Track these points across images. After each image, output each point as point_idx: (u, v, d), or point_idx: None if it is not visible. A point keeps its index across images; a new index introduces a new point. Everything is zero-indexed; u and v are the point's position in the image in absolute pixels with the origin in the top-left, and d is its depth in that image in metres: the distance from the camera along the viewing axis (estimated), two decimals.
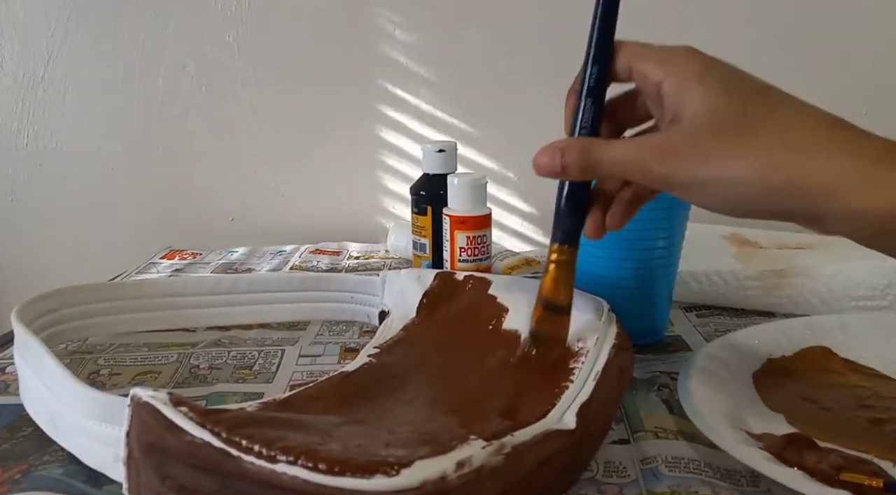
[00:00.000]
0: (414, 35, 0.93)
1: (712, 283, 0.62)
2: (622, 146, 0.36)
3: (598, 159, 0.36)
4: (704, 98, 0.34)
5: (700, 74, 0.34)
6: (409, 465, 0.27)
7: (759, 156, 0.32)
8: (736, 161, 0.32)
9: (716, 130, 0.33)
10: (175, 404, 0.30)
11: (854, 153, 0.31)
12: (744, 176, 0.32)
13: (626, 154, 0.35)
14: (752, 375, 0.48)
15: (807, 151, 0.32)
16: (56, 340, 0.52)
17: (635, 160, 0.35)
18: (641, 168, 0.35)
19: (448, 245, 0.61)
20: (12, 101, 0.96)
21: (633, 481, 0.37)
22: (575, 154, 0.37)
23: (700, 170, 0.33)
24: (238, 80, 0.95)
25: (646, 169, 0.34)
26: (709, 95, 0.34)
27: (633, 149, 0.35)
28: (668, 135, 0.35)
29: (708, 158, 0.33)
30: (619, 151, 0.36)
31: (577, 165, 0.37)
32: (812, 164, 0.31)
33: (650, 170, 0.34)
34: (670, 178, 0.34)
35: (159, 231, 0.97)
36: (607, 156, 0.36)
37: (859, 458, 0.37)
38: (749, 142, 0.32)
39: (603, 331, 0.41)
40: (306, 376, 0.50)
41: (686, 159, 0.33)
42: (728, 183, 0.33)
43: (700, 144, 0.33)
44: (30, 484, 0.37)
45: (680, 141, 0.34)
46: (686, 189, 0.34)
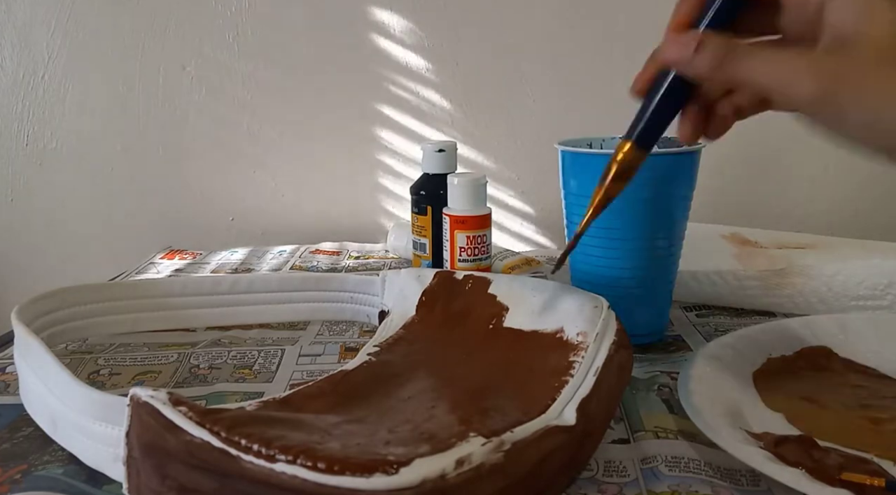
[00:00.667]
0: (414, 34, 0.93)
1: (712, 283, 0.62)
2: (774, 55, 0.31)
3: (739, 62, 0.32)
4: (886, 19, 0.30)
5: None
6: (409, 464, 0.27)
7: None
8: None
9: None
10: (174, 404, 0.30)
11: None
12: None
13: (778, 66, 0.31)
14: (751, 375, 0.48)
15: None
16: (56, 340, 0.52)
17: (788, 75, 0.31)
18: (795, 85, 0.30)
19: (448, 245, 0.61)
20: (12, 101, 0.96)
21: (633, 480, 0.37)
22: (714, 48, 0.32)
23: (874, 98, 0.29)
24: (238, 80, 0.95)
25: (801, 89, 0.30)
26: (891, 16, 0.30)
27: (788, 61, 0.31)
28: (838, 55, 0.30)
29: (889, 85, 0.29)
30: (770, 60, 0.31)
31: (712, 60, 0.33)
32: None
33: (805, 92, 0.30)
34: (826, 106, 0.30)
35: (159, 231, 0.97)
36: (754, 64, 0.32)
37: (859, 457, 0.37)
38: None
39: (602, 328, 0.41)
40: (306, 376, 0.50)
41: (863, 82, 0.30)
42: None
43: (882, 68, 0.29)
44: (30, 484, 0.37)
45: (854, 62, 0.30)
46: (846, 122, 0.31)
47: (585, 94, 0.91)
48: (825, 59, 0.31)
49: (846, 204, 0.94)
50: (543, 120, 0.94)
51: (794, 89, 0.31)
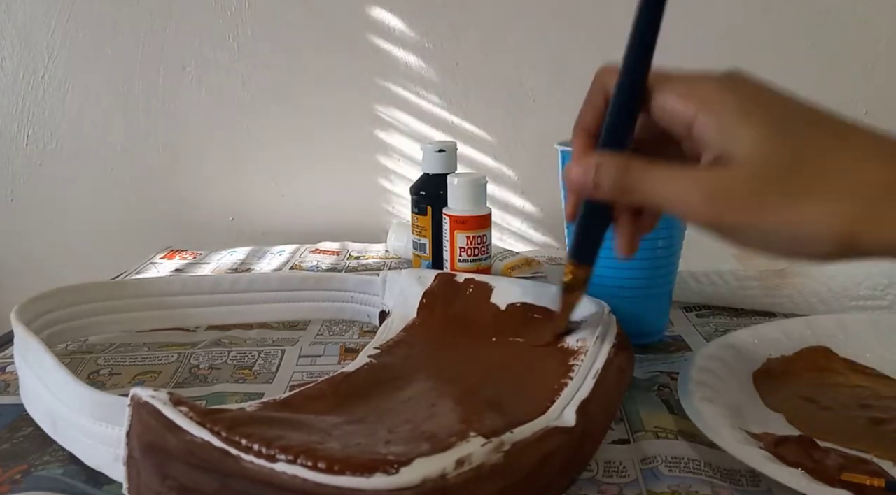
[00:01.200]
0: (414, 35, 0.93)
1: (712, 283, 0.62)
2: (666, 176, 0.33)
3: (636, 186, 0.33)
4: (753, 138, 0.30)
5: (743, 111, 0.31)
6: (409, 464, 0.27)
7: (834, 207, 0.29)
8: (808, 213, 0.29)
9: (777, 176, 0.30)
10: (175, 404, 0.30)
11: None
12: (816, 229, 0.29)
13: (670, 187, 0.32)
14: (751, 375, 0.48)
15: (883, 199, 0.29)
16: (56, 340, 0.52)
17: (680, 196, 0.32)
18: (686, 207, 0.32)
19: (448, 245, 0.61)
20: (12, 101, 0.96)
21: (633, 481, 0.37)
22: (611, 174, 0.34)
23: (760, 219, 0.30)
24: (238, 80, 0.95)
25: (691, 209, 0.32)
26: (758, 135, 0.30)
27: (679, 183, 0.32)
28: (720, 176, 0.31)
29: (769, 207, 0.30)
30: (663, 182, 0.32)
31: (611, 186, 0.34)
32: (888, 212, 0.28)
33: (696, 212, 0.31)
34: (719, 224, 0.31)
35: (159, 231, 0.97)
36: (648, 185, 0.33)
37: (859, 458, 0.37)
38: (818, 190, 0.29)
39: (602, 331, 0.41)
40: (306, 376, 0.50)
41: (741, 207, 0.30)
42: (793, 236, 0.30)
43: (761, 192, 0.30)
44: (30, 484, 0.37)
45: (734, 183, 0.31)
46: (737, 235, 0.32)
47: (585, 94, 0.91)
48: (706, 180, 0.31)
49: None
50: (543, 120, 0.94)
51: (689, 213, 0.32)
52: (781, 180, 0.30)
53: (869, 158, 0.30)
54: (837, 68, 0.92)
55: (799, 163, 0.30)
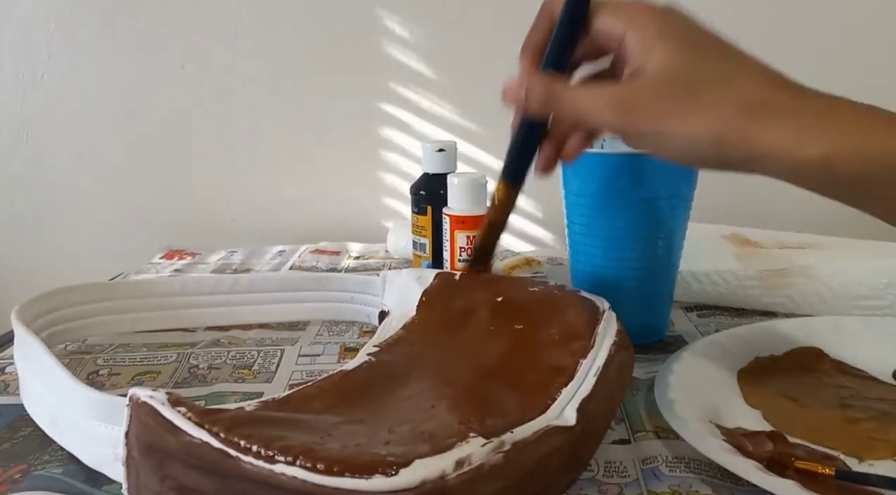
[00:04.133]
0: (414, 33, 0.93)
1: (713, 283, 0.62)
2: (583, 92, 0.37)
3: (559, 100, 0.38)
4: (664, 54, 0.35)
5: (661, 30, 0.36)
6: (408, 464, 0.27)
7: (713, 113, 0.34)
8: (691, 118, 0.34)
9: (674, 86, 0.35)
10: (173, 404, 0.30)
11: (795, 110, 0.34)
12: (697, 132, 0.34)
13: (586, 101, 0.37)
14: (737, 373, 0.48)
15: (755, 110, 0.34)
16: (56, 340, 0.52)
17: (594, 108, 0.37)
18: (599, 117, 0.37)
19: (448, 245, 0.61)
20: (12, 101, 0.96)
21: (633, 481, 0.37)
22: (538, 91, 0.39)
23: (656, 124, 0.35)
24: (238, 79, 0.95)
25: (603, 118, 0.36)
26: (669, 51, 0.35)
27: (593, 97, 0.37)
28: (628, 87, 0.36)
29: (664, 114, 0.35)
30: (580, 97, 0.37)
31: (538, 102, 0.39)
32: (758, 124, 0.33)
33: (607, 120, 0.36)
34: (626, 129, 0.36)
35: (159, 231, 0.97)
36: (568, 101, 0.38)
37: (825, 454, 0.38)
38: (704, 100, 0.34)
39: (603, 329, 0.41)
40: (306, 376, 0.50)
41: (643, 113, 0.35)
42: (682, 137, 0.35)
43: (659, 100, 0.35)
44: (30, 483, 0.37)
45: (639, 95, 0.35)
46: (639, 139, 0.37)
47: None
48: (619, 90, 0.37)
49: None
50: None
51: (603, 120, 0.37)
52: (677, 92, 0.35)
53: (752, 79, 0.35)
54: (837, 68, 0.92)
55: (694, 77, 0.35)
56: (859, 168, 0.32)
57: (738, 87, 0.34)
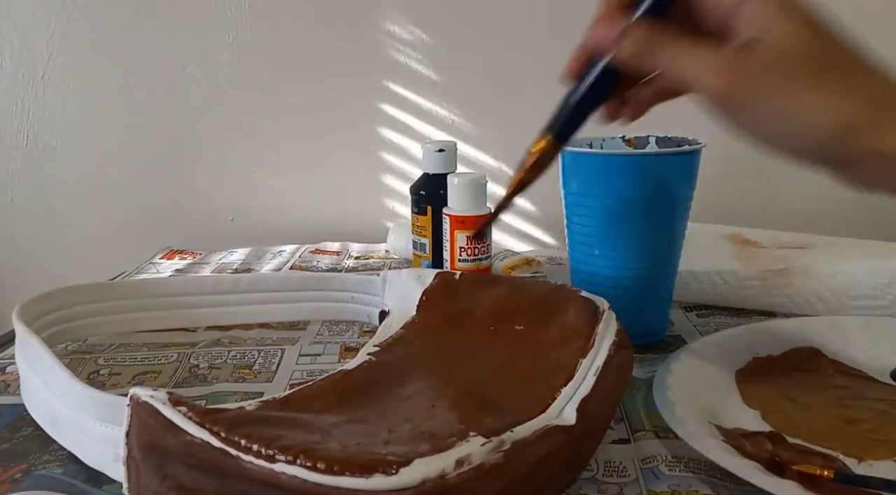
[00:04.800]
0: (414, 33, 0.93)
1: (712, 283, 0.62)
2: (691, 50, 0.33)
3: (658, 53, 0.34)
4: (789, 29, 0.32)
5: (788, 7, 0.33)
6: (408, 464, 0.27)
7: (845, 99, 0.31)
8: (821, 100, 0.31)
9: (802, 64, 0.32)
10: (174, 404, 0.30)
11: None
12: (823, 116, 0.31)
13: (694, 61, 0.33)
14: (735, 373, 0.48)
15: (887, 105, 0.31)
16: (56, 340, 0.52)
17: (702, 71, 0.33)
18: (706, 82, 0.33)
19: (448, 245, 0.61)
20: (12, 101, 0.96)
21: (633, 481, 0.37)
22: (637, 36, 0.34)
23: (776, 100, 0.32)
24: (238, 80, 0.95)
25: (711, 84, 0.33)
26: (794, 27, 0.32)
27: (704, 58, 0.33)
28: (742, 53, 0.32)
29: (789, 91, 0.32)
30: (687, 55, 0.33)
31: (634, 49, 0.34)
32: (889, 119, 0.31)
33: (715, 87, 0.33)
34: (732, 96, 0.33)
35: (159, 231, 0.97)
36: (671, 52, 0.34)
37: (824, 454, 0.38)
38: (836, 84, 0.31)
39: (602, 329, 0.41)
40: (306, 375, 0.50)
41: (759, 81, 0.32)
42: (803, 120, 0.32)
43: (781, 70, 0.32)
44: (30, 483, 0.37)
45: (757, 61, 0.32)
46: (744, 113, 0.33)
47: None
48: (731, 57, 0.33)
49: (846, 204, 0.94)
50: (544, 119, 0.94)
51: (704, 83, 0.33)
52: (802, 67, 0.32)
53: (879, 73, 0.32)
54: None
55: (821, 59, 0.32)
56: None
57: (868, 78, 0.32)
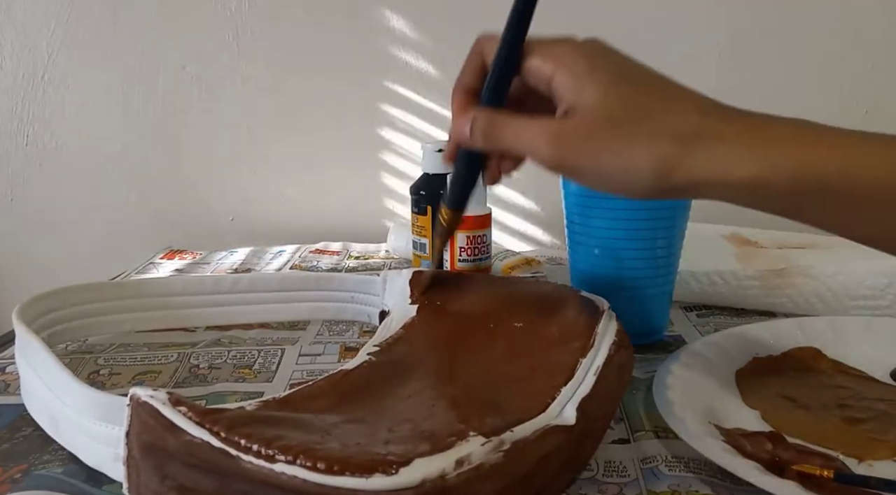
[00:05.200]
0: (415, 33, 0.93)
1: (712, 283, 0.62)
2: (525, 125, 0.38)
3: (499, 134, 0.39)
4: (595, 91, 0.36)
5: (590, 68, 0.36)
6: (408, 464, 0.27)
7: (648, 147, 0.34)
8: (629, 153, 0.35)
9: (608, 123, 0.35)
10: (174, 404, 0.30)
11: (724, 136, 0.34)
12: (636, 166, 0.35)
13: (527, 134, 0.37)
14: (735, 373, 0.48)
15: (688, 140, 0.34)
16: (56, 340, 0.52)
17: (534, 143, 0.37)
18: (537, 151, 0.37)
19: (448, 245, 0.61)
20: (12, 101, 0.96)
21: (633, 480, 0.37)
22: (482, 124, 0.39)
23: (593, 160, 0.36)
24: (238, 80, 0.95)
25: (540, 152, 0.37)
26: (600, 88, 0.36)
27: (534, 131, 0.37)
28: (564, 124, 0.36)
29: (601, 149, 0.35)
30: (521, 130, 0.38)
31: (481, 136, 0.39)
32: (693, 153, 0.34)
33: (546, 155, 0.36)
34: (563, 163, 0.36)
35: (159, 231, 0.97)
36: (509, 133, 0.38)
37: (824, 454, 0.38)
38: (638, 134, 0.35)
39: (602, 329, 0.41)
40: (306, 375, 0.50)
41: (581, 149, 0.36)
42: (621, 172, 0.35)
43: (595, 134, 0.35)
44: (30, 483, 0.37)
45: (575, 129, 0.36)
46: (579, 175, 0.37)
47: None
48: (554, 128, 0.37)
49: None
50: None
51: (538, 154, 0.37)
52: (613, 127, 0.35)
53: (684, 108, 0.35)
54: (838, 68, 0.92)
55: (628, 112, 0.35)
56: (788, 187, 0.33)
57: (670, 118, 0.35)
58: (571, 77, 0.36)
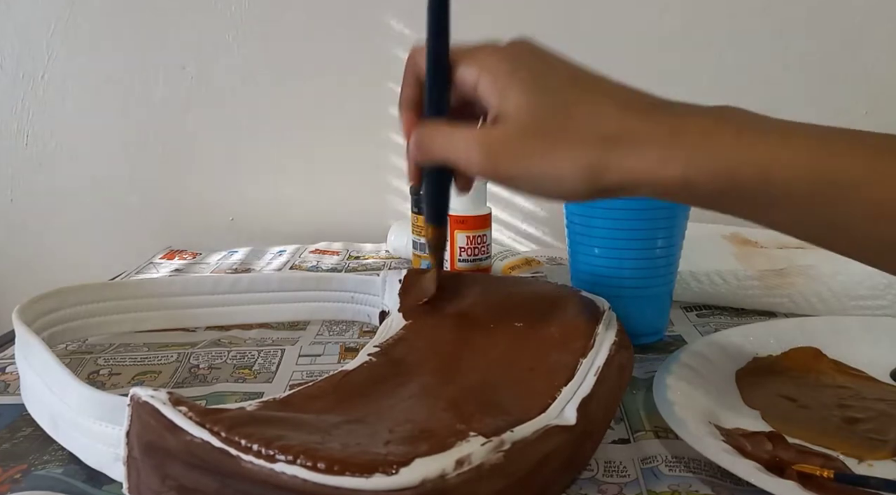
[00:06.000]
0: (415, 34, 0.93)
1: (712, 283, 0.62)
2: (454, 136, 0.37)
3: (432, 146, 0.38)
4: (518, 96, 0.35)
5: (511, 71, 0.36)
6: (409, 464, 0.27)
7: (574, 150, 0.34)
8: (556, 158, 0.34)
9: (534, 128, 0.35)
10: (174, 404, 0.30)
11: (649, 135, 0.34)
12: (565, 170, 0.34)
13: (456, 145, 0.37)
14: (735, 373, 0.48)
15: (614, 141, 0.34)
16: (56, 340, 0.52)
17: (464, 153, 0.36)
18: (468, 162, 0.36)
19: (448, 245, 0.61)
20: (12, 101, 0.96)
21: (633, 481, 0.37)
22: (415, 138, 0.39)
23: (523, 166, 0.35)
24: (238, 79, 0.95)
25: (472, 163, 0.36)
26: (522, 93, 0.35)
27: (463, 140, 0.36)
28: (492, 131, 0.36)
29: (530, 155, 0.35)
30: (451, 141, 0.37)
31: (416, 149, 0.39)
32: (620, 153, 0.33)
33: (476, 165, 0.36)
34: (496, 173, 0.36)
35: (159, 231, 0.97)
36: (440, 145, 0.38)
37: (825, 455, 0.38)
38: (564, 139, 0.34)
39: (603, 329, 0.41)
40: (306, 376, 0.50)
41: (509, 157, 0.35)
42: (551, 177, 0.35)
43: (522, 143, 0.35)
44: (30, 483, 0.37)
45: (503, 138, 0.35)
46: (511, 182, 0.36)
47: None
48: (482, 135, 0.36)
49: None
50: None
51: (467, 163, 0.36)
52: (540, 132, 0.35)
53: (608, 108, 0.35)
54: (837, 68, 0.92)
55: (553, 116, 0.35)
56: (713, 185, 0.33)
57: (592, 121, 0.34)
58: (494, 81, 0.36)
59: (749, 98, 0.40)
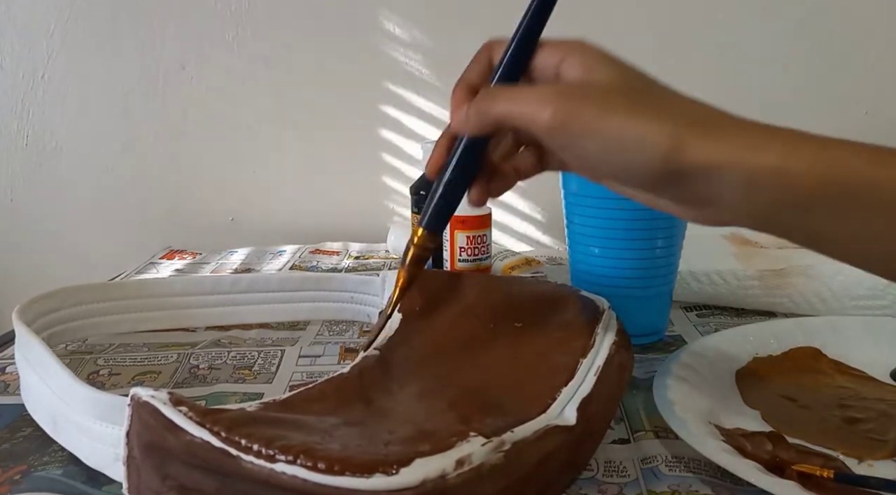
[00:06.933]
0: (415, 34, 0.93)
1: (712, 283, 0.62)
2: (520, 91, 0.36)
3: (493, 103, 0.36)
4: (609, 68, 0.35)
5: (600, 54, 0.35)
6: (409, 464, 0.27)
7: (666, 119, 0.32)
8: (646, 119, 0.32)
9: (625, 87, 0.34)
10: (175, 404, 0.30)
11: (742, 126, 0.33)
12: (651, 135, 0.32)
13: (523, 99, 0.34)
14: (735, 373, 0.48)
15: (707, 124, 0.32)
16: (56, 340, 0.52)
17: (530, 106, 0.34)
18: (536, 114, 0.33)
19: (448, 245, 0.61)
20: (12, 101, 0.96)
21: (633, 480, 0.37)
22: (475, 102, 0.37)
23: (601, 121, 0.33)
24: (238, 79, 0.95)
25: (541, 115, 0.33)
26: (611, 69, 0.35)
27: (532, 93, 0.35)
28: (567, 88, 0.35)
29: (612, 111, 0.33)
30: (517, 96, 0.35)
31: (476, 112, 0.36)
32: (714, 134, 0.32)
33: (545, 116, 0.33)
34: (566, 126, 0.33)
35: (159, 231, 0.97)
36: (503, 101, 0.35)
37: (825, 454, 0.38)
38: (657, 107, 0.33)
39: (603, 329, 0.41)
40: (306, 376, 0.50)
41: (590, 108, 0.33)
42: (632, 139, 0.32)
43: (607, 96, 0.34)
44: (29, 484, 0.37)
45: (585, 91, 0.34)
46: (580, 140, 0.33)
47: None
48: (557, 91, 0.35)
49: None
50: None
51: (535, 119, 0.33)
52: (625, 100, 0.33)
53: (688, 100, 0.34)
54: (837, 68, 0.92)
55: (639, 93, 0.34)
56: (811, 178, 0.30)
57: (683, 104, 0.34)
58: (583, 59, 0.35)
59: (749, 98, 0.40)
